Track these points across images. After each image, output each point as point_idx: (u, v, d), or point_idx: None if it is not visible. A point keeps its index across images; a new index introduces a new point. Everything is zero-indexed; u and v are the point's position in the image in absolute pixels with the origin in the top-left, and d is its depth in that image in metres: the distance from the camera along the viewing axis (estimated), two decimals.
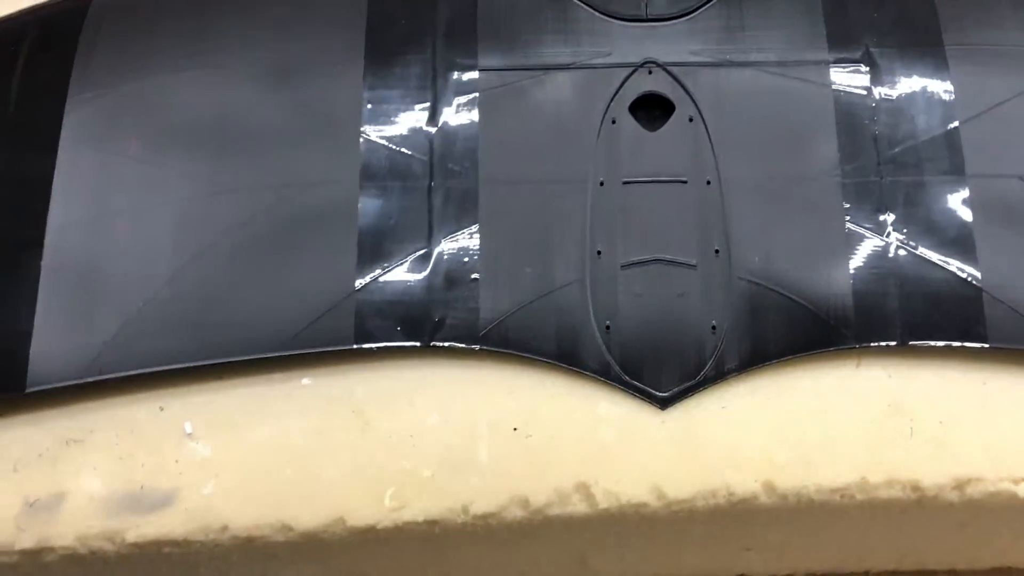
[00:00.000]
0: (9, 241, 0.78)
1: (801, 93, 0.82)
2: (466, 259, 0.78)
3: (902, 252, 0.77)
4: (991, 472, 0.71)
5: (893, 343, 0.75)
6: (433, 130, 0.81)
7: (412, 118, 0.82)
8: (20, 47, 0.87)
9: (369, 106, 0.82)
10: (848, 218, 0.78)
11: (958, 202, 0.79)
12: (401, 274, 0.77)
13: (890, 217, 0.78)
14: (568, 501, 0.71)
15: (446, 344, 0.75)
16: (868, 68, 0.83)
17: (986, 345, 0.75)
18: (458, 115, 0.82)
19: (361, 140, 0.81)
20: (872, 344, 0.75)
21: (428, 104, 0.82)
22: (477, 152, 0.81)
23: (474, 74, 0.83)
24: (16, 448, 0.73)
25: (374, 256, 0.78)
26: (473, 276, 0.77)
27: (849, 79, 0.83)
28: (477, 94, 0.83)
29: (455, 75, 0.83)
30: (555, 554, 0.78)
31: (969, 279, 0.76)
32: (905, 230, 0.78)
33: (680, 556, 0.81)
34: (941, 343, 0.75)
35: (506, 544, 0.74)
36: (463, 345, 0.75)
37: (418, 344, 0.75)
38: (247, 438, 0.73)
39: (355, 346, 0.75)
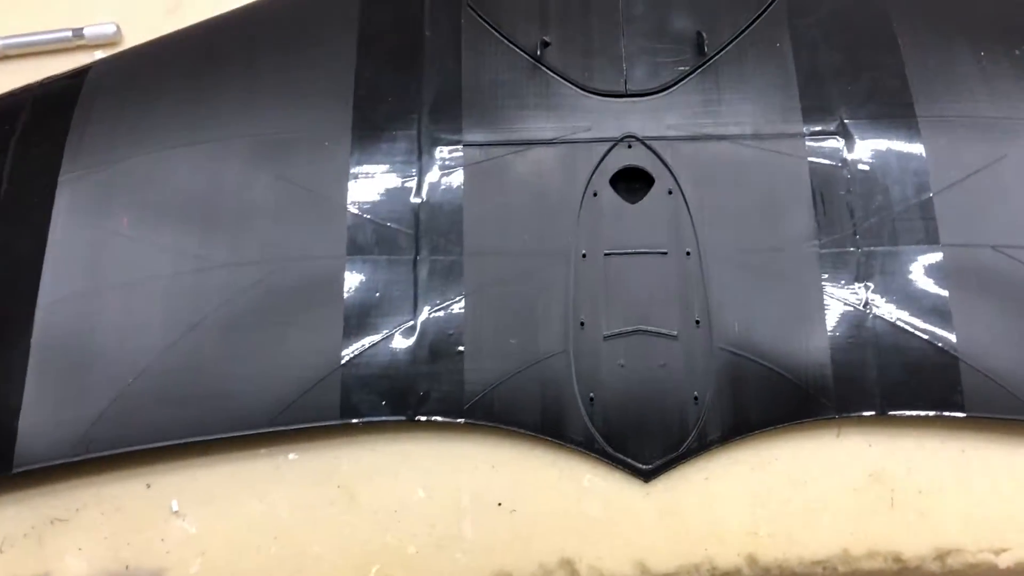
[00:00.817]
0: None
1: (777, 165, 0.84)
2: (451, 332, 0.79)
3: (879, 321, 0.79)
4: (971, 543, 0.72)
5: (872, 413, 0.77)
6: (418, 203, 0.83)
7: (398, 192, 0.84)
8: (15, 124, 0.89)
9: (355, 180, 0.84)
10: (826, 288, 0.80)
11: (933, 271, 0.80)
12: (386, 347, 0.78)
13: (867, 287, 0.80)
14: None
15: (431, 418, 0.76)
16: (843, 140, 0.85)
17: (963, 415, 0.76)
18: (443, 189, 0.84)
19: (347, 214, 0.82)
20: (852, 414, 0.77)
21: (414, 178, 0.84)
22: (462, 225, 0.82)
23: (459, 149, 0.85)
24: (2, 527, 0.73)
25: (360, 330, 0.79)
26: (459, 348, 0.78)
27: (824, 151, 0.85)
28: (462, 168, 0.84)
29: (440, 150, 0.85)
30: None
31: (946, 348, 0.78)
32: (882, 299, 0.80)
33: None
34: (920, 412, 0.76)
35: None
36: (447, 419, 0.76)
37: (403, 418, 0.76)
38: (233, 515, 0.74)
39: (340, 421, 0.76)
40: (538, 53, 0.88)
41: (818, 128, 0.86)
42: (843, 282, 0.80)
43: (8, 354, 0.77)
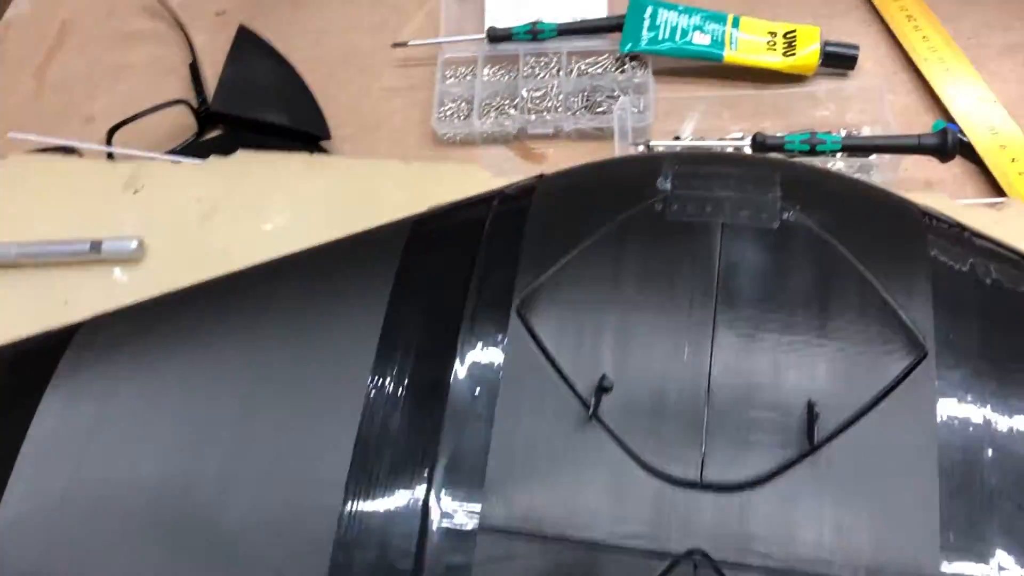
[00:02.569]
0: None
1: None
2: None
3: None
4: None
5: None
6: None
7: None
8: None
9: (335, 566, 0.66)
10: None
11: None
12: None
13: None
14: None
15: None
16: None
17: None
18: None
19: None
20: None
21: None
22: None
23: (472, 537, 0.66)
24: None
25: None
26: None
27: None
28: (471, 568, 0.65)
29: (448, 536, 0.66)
30: None
31: None
32: None
33: None
34: None
35: None
36: None
37: None
38: None
39: None
40: (592, 401, 0.68)
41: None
42: None
43: None
